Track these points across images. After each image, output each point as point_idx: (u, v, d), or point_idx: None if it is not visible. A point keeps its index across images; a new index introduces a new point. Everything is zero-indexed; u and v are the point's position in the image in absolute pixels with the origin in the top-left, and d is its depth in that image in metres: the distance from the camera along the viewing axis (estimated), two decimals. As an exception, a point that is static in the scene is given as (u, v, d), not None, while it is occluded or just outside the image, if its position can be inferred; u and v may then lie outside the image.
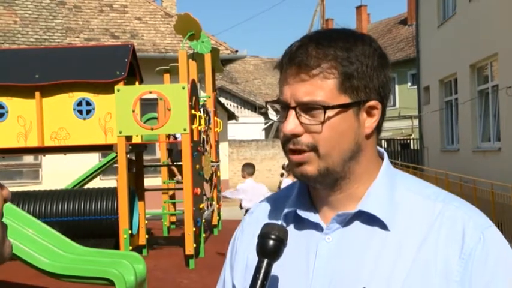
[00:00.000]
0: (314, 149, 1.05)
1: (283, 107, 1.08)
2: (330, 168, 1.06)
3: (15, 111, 7.66)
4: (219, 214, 10.63)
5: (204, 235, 8.99)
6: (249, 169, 9.53)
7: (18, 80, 7.65)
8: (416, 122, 21.90)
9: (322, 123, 1.04)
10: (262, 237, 1.05)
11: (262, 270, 1.03)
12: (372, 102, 1.08)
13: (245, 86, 36.00)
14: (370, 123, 1.09)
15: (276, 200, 1.22)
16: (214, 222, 10.30)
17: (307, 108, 1.05)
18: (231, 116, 21.10)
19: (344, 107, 1.05)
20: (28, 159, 14.72)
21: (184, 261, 7.71)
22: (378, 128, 1.11)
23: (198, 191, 8.08)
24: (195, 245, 7.68)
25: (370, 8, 69.77)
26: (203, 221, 8.76)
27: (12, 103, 7.68)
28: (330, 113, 1.04)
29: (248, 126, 32.54)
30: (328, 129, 1.04)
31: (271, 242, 1.04)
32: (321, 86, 1.04)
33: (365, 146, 1.09)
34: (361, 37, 1.10)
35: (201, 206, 8.42)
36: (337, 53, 1.05)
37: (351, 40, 1.07)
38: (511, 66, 11.20)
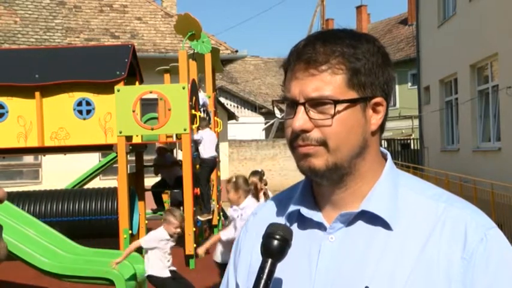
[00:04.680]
0: (323, 143, 1.06)
1: (291, 104, 1.09)
2: (338, 163, 1.07)
3: (15, 111, 7.66)
4: (219, 214, 10.63)
5: (204, 235, 9.00)
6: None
7: (19, 80, 7.65)
8: (416, 122, 21.89)
9: (333, 116, 1.05)
10: (267, 237, 1.06)
11: (266, 270, 1.03)
12: (378, 99, 1.09)
13: (245, 86, 36.00)
14: (376, 119, 1.10)
15: (280, 201, 1.22)
16: (215, 222, 10.30)
17: (316, 103, 1.05)
18: (231, 116, 21.11)
19: (352, 102, 1.06)
20: (28, 159, 14.72)
21: (184, 261, 7.71)
22: (382, 126, 1.12)
23: (198, 191, 8.09)
24: (195, 245, 7.69)
25: (370, 8, 69.84)
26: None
27: (12, 103, 7.68)
28: (339, 107, 1.05)
29: (248, 126, 32.54)
30: (337, 123, 1.05)
31: (275, 242, 1.04)
32: (330, 82, 1.05)
33: (371, 143, 1.10)
34: (365, 36, 1.12)
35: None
36: (344, 50, 1.06)
37: (356, 38, 1.09)
38: (511, 66, 11.19)
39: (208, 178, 8.98)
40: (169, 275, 5.61)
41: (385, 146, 23.67)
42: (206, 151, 8.96)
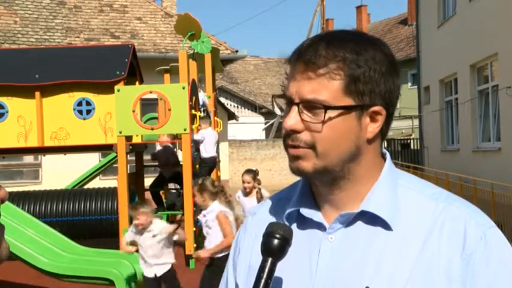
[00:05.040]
0: (312, 146, 1.05)
1: (288, 103, 1.09)
2: (328, 167, 1.06)
3: (15, 111, 7.66)
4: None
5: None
6: None
7: (18, 80, 7.65)
8: (416, 122, 21.89)
9: (323, 122, 1.04)
10: (267, 236, 1.06)
11: (267, 269, 1.04)
12: (376, 108, 1.07)
13: (245, 86, 36.01)
14: (372, 128, 1.08)
15: (279, 200, 1.22)
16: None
17: (310, 106, 1.05)
18: (231, 116, 21.10)
19: (346, 109, 1.05)
20: (28, 159, 14.72)
21: (184, 261, 7.71)
22: (383, 133, 1.11)
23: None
24: (195, 245, 7.69)
25: (370, 8, 69.88)
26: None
27: (12, 103, 7.68)
28: (331, 113, 1.04)
29: (248, 126, 32.56)
30: (328, 129, 1.04)
31: (275, 241, 1.04)
32: (327, 86, 1.04)
33: (366, 150, 1.09)
34: (373, 42, 1.10)
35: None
36: (346, 55, 1.05)
37: (362, 44, 1.07)
38: (511, 66, 11.19)
39: None
40: (148, 275, 5.17)
41: (385, 146, 23.66)
42: (207, 151, 8.96)
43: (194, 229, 7.66)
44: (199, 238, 8.39)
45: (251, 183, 6.98)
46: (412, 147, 24.40)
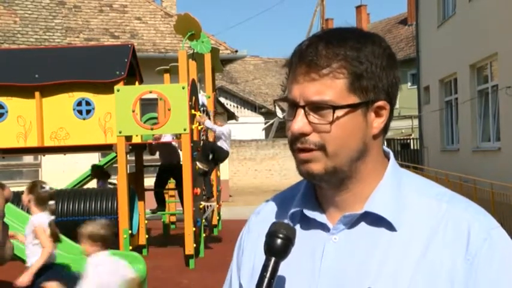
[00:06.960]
0: (322, 148, 1.05)
1: (292, 106, 1.08)
2: (337, 167, 1.06)
3: (15, 111, 7.66)
4: (218, 214, 10.63)
5: (203, 235, 8.99)
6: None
7: (18, 80, 7.65)
8: (416, 121, 21.89)
9: (331, 123, 1.04)
10: (270, 235, 1.05)
11: (270, 269, 1.03)
12: (381, 103, 1.07)
13: (245, 86, 35.98)
14: (378, 123, 1.08)
15: (282, 200, 1.21)
16: (214, 222, 10.31)
17: (316, 107, 1.04)
18: (231, 116, 21.10)
19: (353, 107, 1.04)
20: (28, 159, 14.72)
21: (184, 261, 7.71)
22: (385, 129, 1.11)
23: (198, 191, 8.08)
24: (195, 245, 7.69)
25: (370, 8, 69.83)
26: (203, 220, 8.77)
27: (12, 103, 7.68)
28: (339, 112, 1.04)
29: (248, 126, 32.51)
30: (336, 128, 1.04)
31: (279, 241, 1.04)
32: (331, 86, 1.04)
33: (372, 146, 1.09)
34: (371, 36, 1.09)
35: (200, 206, 8.43)
36: (347, 53, 1.04)
37: (361, 40, 1.07)
38: (511, 66, 11.20)
39: (208, 157, 9.07)
40: None
41: (385, 146, 23.67)
42: (225, 146, 9.22)
43: (194, 229, 7.66)
44: (199, 238, 8.39)
45: (24, 195, 4.81)
46: (411, 147, 24.40)
